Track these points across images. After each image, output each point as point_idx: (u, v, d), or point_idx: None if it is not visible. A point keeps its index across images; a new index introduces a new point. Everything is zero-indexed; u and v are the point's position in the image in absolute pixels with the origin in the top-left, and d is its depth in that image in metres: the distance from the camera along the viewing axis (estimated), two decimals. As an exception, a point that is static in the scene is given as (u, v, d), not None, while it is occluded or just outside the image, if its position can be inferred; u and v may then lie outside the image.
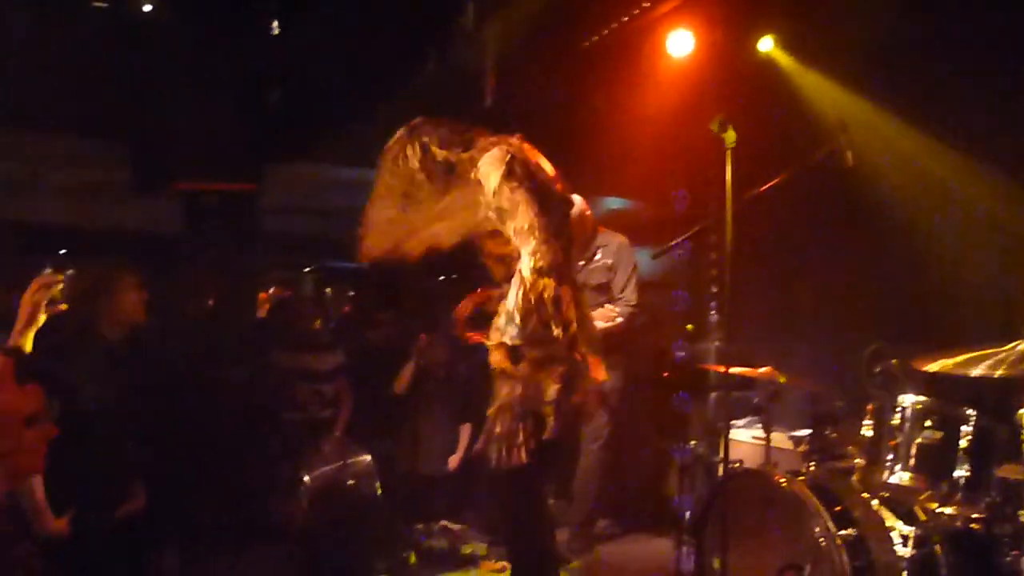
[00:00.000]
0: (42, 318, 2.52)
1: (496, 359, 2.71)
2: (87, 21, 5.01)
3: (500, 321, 2.71)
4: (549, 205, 2.73)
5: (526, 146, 2.82)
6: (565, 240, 2.78)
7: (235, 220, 4.87)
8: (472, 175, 2.79)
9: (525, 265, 2.62)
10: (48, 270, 2.64)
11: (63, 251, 6.59)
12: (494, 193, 2.70)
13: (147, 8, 5.28)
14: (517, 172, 2.72)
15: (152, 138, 4.69)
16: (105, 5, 5.10)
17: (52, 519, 2.88)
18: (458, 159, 2.82)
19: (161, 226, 5.65)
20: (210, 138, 4.63)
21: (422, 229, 2.87)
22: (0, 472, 1.35)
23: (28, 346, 2.48)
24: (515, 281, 2.66)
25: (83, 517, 3.07)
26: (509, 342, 2.66)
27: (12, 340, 2.45)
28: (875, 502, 3.13)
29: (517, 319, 2.64)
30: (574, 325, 2.73)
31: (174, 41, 4.94)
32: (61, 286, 2.58)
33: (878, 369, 3.07)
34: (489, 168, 2.74)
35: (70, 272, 2.66)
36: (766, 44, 5.05)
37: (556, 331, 2.65)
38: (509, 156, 2.74)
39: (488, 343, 2.76)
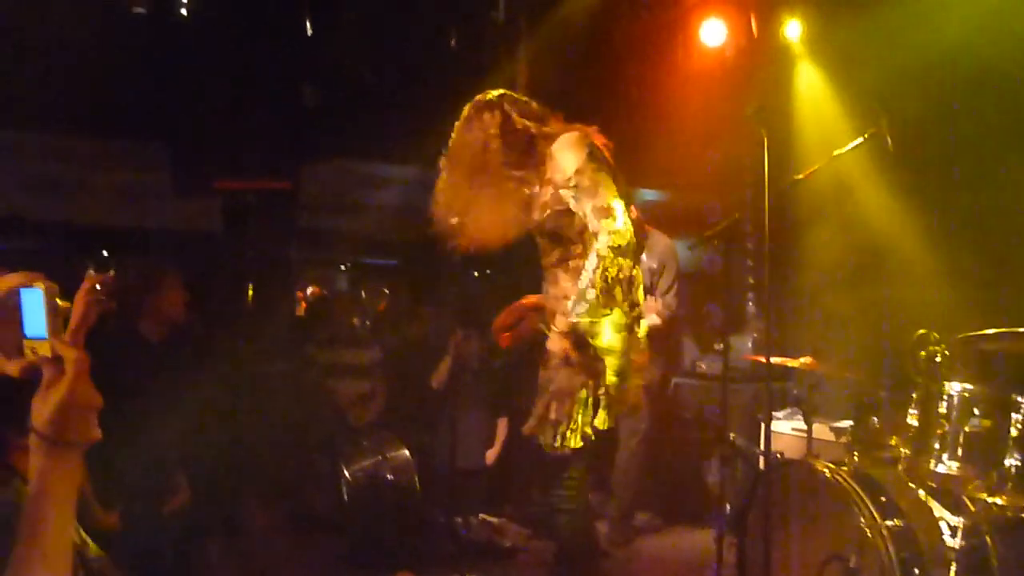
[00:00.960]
0: (94, 317, 2.57)
1: (561, 345, 2.71)
2: (128, 27, 5.10)
3: (569, 305, 2.72)
4: (621, 191, 2.77)
5: (598, 136, 2.85)
6: (635, 226, 2.82)
7: (273, 218, 4.93)
8: (546, 150, 2.81)
9: (603, 244, 2.66)
10: (91, 270, 2.69)
11: (105, 251, 6.75)
12: (576, 171, 2.73)
13: (184, 13, 5.37)
14: (596, 154, 2.77)
15: (191, 139, 4.77)
16: (144, 11, 5.19)
17: (101, 513, 2.94)
18: (537, 131, 2.85)
19: (201, 225, 5.73)
20: (247, 138, 4.69)
21: (490, 203, 2.88)
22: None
23: (81, 345, 2.53)
24: (590, 261, 2.68)
25: (131, 511, 3.13)
26: (577, 320, 2.67)
27: (65, 338, 2.49)
28: (922, 492, 3.07)
29: (589, 296, 2.66)
30: (639, 308, 2.79)
31: (211, 45, 5.01)
32: (110, 285, 2.63)
33: (923, 356, 3.01)
34: (568, 147, 2.77)
35: (111, 271, 2.71)
36: (793, 31, 4.99)
37: (623, 309, 2.69)
38: (588, 139, 2.80)
39: (553, 329, 2.76)
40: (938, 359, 2.98)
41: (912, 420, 3.14)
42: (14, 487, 1.58)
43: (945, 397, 2.98)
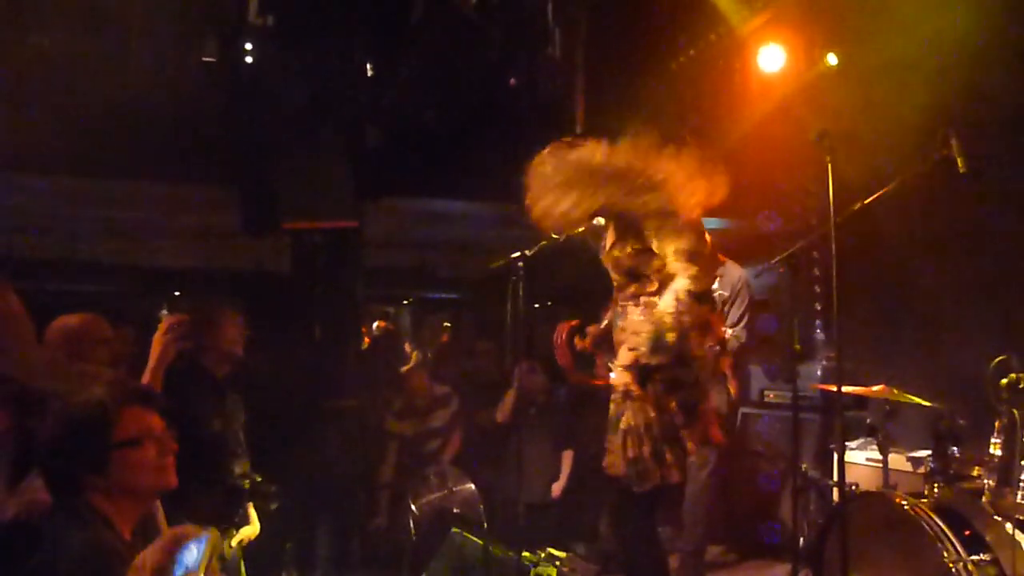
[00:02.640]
0: (172, 355, 2.67)
1: (622, 380, 2.72)
2: (197, 75, 5.32)
3: (640, 340, 2.72)
4: (698, 233, 2.83)
5: None
6: (712, 268, 2.86)
7: (339, 256, 5.04)
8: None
9: (681, 287, 2.70)
10: (165, 311, 2.79)
11: (177, 292, 6.97)
12: (663, 212, 2.80)
13: (249, 60, 5.58)
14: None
15: (259, 181, 4.91)
16: (213, 60, 5.40)
17: None
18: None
19: (271, 265, 5.89)
20: (313, 178, 4.81)
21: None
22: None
23: (159, 383, 2.62)
24: (666, 302, 2.68)
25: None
26: (648, 361, 2.68)
27: (145, 377, 2.58)
28: (1008, 525, 2.94)
29: (668, 339, 2.67)
30: (717, 349, 2.81)
31: (276, 89, 5.18)
32: (186, 325, 2.72)
33: (1005, 383, 2.90)
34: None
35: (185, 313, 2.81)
36: (832, 59, 4.94)
37: (700, 353, 2.71)
38: None
39: (614, 364, 2.78)
40: (1021, 386, 2.88)
41: (995, 449, 3.03)
42: (95, 528, 1.65)
43: (1030, 425, 2.87)
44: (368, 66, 5.54)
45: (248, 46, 5.65)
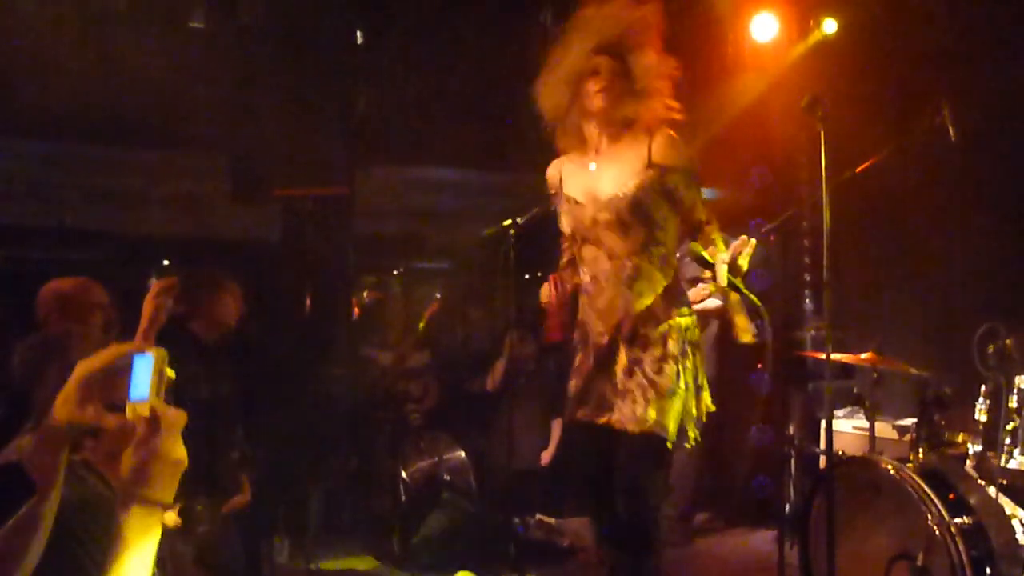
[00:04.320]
0: (163, 318, 2.66)
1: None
2: (186, 41, 5.25)
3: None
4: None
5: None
6: None
7: (329, 224, 5.02)
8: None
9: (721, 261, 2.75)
10: (154, 279, 2.78)
11: (166, 260, 6.94)
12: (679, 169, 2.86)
13: (238, 26, 5.50)
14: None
15: (249, 149, 4.87)
16: (202, 25, 5.33)
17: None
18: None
19: (260, 233, 5.86)
20: (303, 146, 4.77)
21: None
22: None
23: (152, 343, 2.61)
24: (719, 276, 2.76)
25: (191, 509, 3.21)
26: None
27: (136, 340, 2.57)
28: (992, 489, 2.99)
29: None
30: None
31: (265, 55, 5.12)
32: (176, 289, 2.72)
33: (992, 349, 2.94)
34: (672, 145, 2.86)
35: (175, 277, 2.80)
36: (829, 26, 4.91)
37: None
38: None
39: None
40: (1008, 352, 2.91)
41: (980, 415, 3.07)
42: (88, 482, 1.66)
43: (1016, 391, 2.91)
44: (359, 32, 5.48)
45: (238, 11, 5.57)
